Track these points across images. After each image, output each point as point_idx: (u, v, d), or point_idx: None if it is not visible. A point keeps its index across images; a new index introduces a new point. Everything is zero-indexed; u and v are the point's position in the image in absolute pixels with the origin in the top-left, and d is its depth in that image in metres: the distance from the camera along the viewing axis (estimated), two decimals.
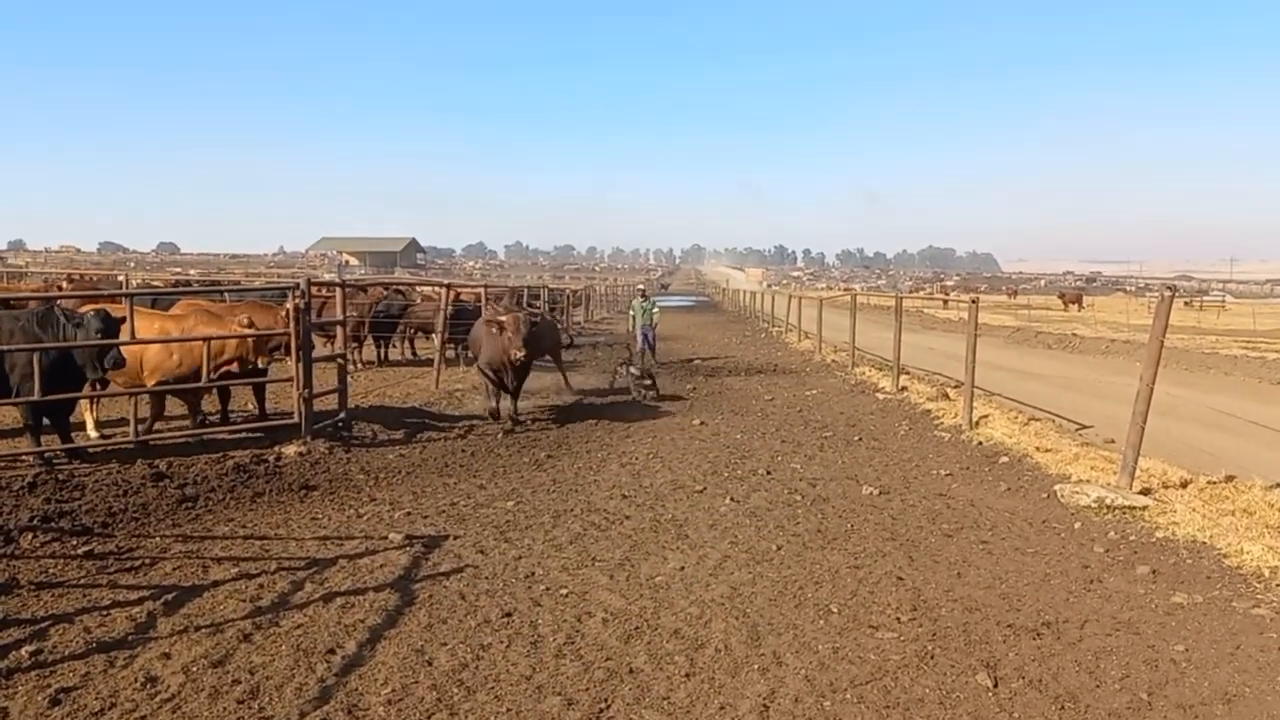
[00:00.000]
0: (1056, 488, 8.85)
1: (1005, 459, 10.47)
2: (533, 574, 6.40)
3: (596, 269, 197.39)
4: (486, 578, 6.29)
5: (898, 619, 5.69)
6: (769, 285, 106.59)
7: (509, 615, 5.62)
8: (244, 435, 10.70)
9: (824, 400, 15.83)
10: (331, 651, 4.98)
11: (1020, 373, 20.13)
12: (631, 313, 22.17)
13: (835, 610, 5.81)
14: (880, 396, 15.99)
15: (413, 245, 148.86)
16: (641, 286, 26.11)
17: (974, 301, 12.80)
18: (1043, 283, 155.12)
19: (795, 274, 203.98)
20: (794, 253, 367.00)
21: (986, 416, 12.67)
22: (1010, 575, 6.57)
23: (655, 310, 21.92)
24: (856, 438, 12.07)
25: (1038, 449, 10.70)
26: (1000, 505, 8.55)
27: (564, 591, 6.06)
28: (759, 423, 13.28)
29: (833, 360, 22.62)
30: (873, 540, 7.37)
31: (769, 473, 9.81)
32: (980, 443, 11.46)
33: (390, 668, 4.83)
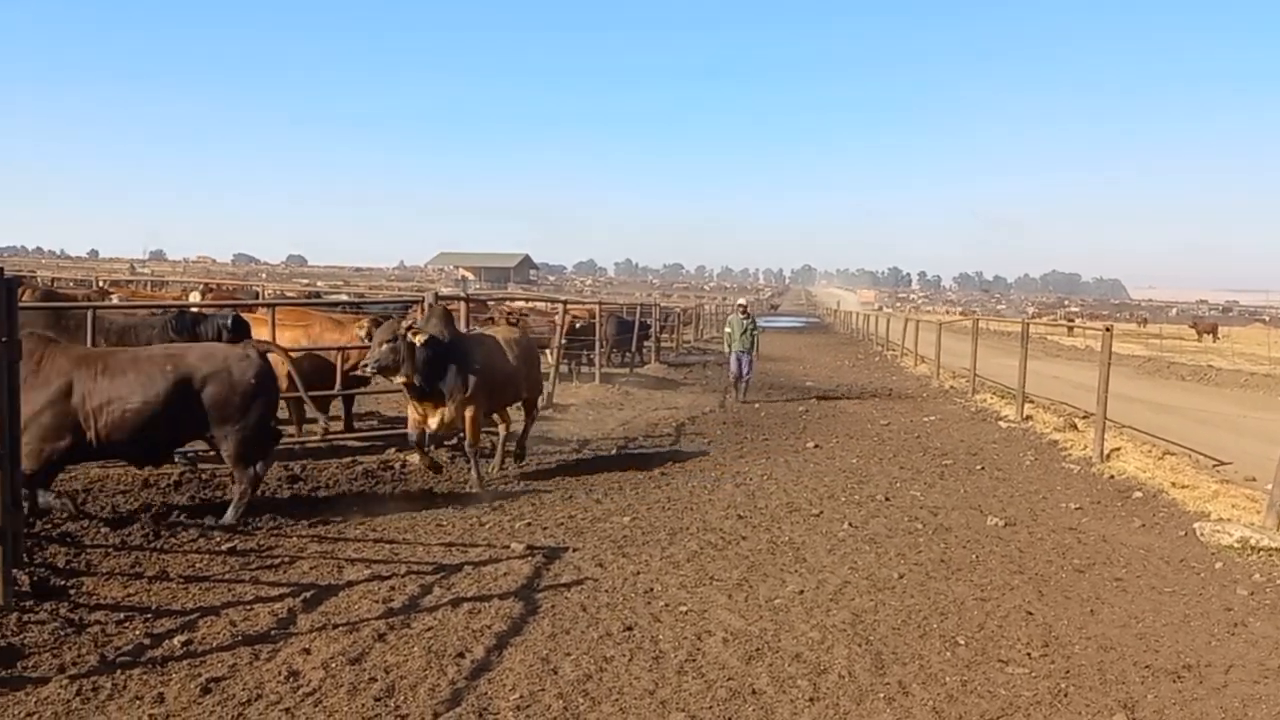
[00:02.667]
0: (1195, 526, 8.48)
1: (1139, 494, 10.08)
2: (651, 590, 6.44)
3: (705, 288, 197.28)
4: (606, 591, 6.36)
5: (1028, 654, 5.53)
6: (880, 307, 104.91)
7: (630, 629, 5.67)
8: (370, 443, 11.07)
9: (943, 427, 15.49)
10: (461, 655, 5.11)
11: (1153, 405, 19.33)
12: (728, 330, 18.95)
13: (962, 642, 5.69)
14: (1003, 425, 15.57)
15: (526, 261, 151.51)
16: (742, 301, 21.01)
17: (1108, 329, 12.38)
18: (1174, 311, 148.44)
19: (903, 296, 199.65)
20: (909, 275, 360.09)
21: (1118, 449, 12.21)
22: (1147, 614, 6.32)
23: (757, 332, 18.76)
24: (979, 466, 11.77)
25: (1174, 484, 10.26)
26: (1134, 542, 8.23)
27: (683, 609, 6.08)
28: (875, 448, 13.08)
29: (951, 386, 22.12)
30: (999, 573, 7.19)
31: (887, 499, 9.65)
32: (1112, 476, 11.06)
33: (518, 674, 4.92)
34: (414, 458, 10.14)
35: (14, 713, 4.25)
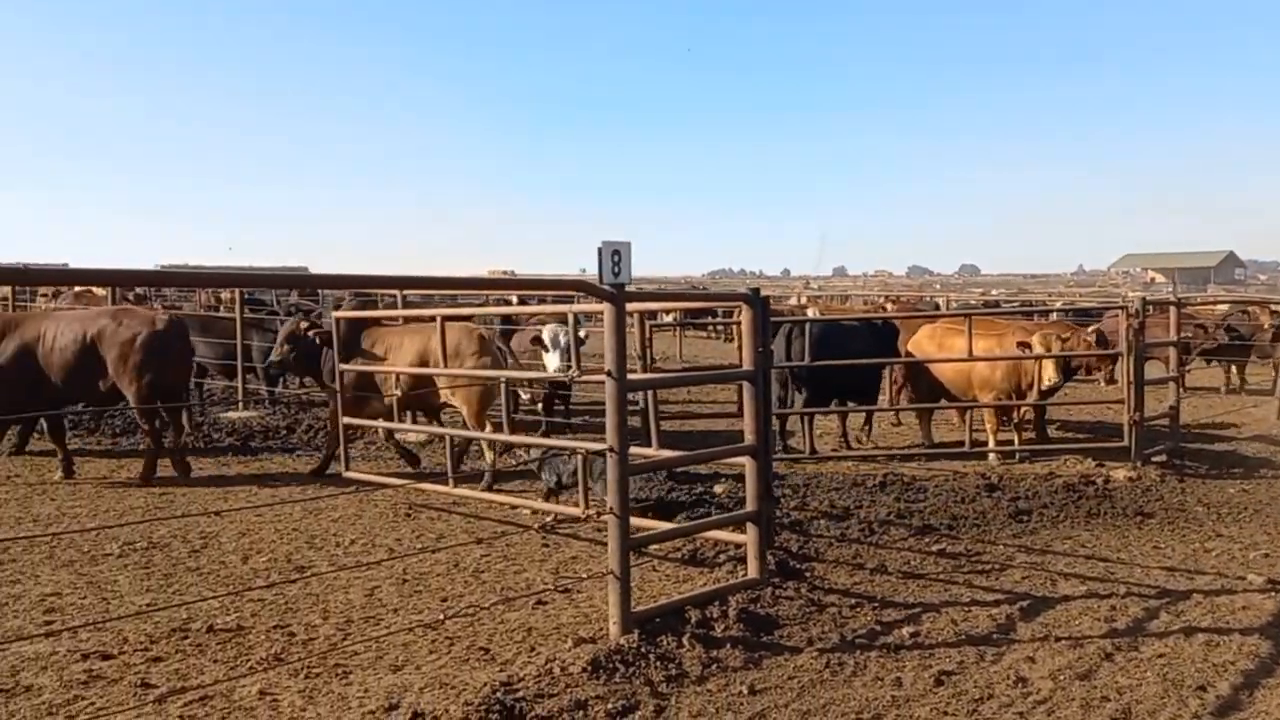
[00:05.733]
0: None
1: None
2: None
3: None
4: None
5: None
6: None
7: None
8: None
9: None
10: (1202, 688, 4.71)
11: None
12: None
13: None
14: None
15: (1230, 259, 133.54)
16: None
17: None
18: None
19: None
20: None
21: None
22: None
23: None
24: None
25: None
26: None
27: None
28: None
29: None
30: None
31: None
32: None
33: (1273, 717, 4.40)
34: (1118, 474, 9.60)
35: (777, 675, 4.92)
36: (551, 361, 10.82)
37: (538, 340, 11.09)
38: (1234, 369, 18.64)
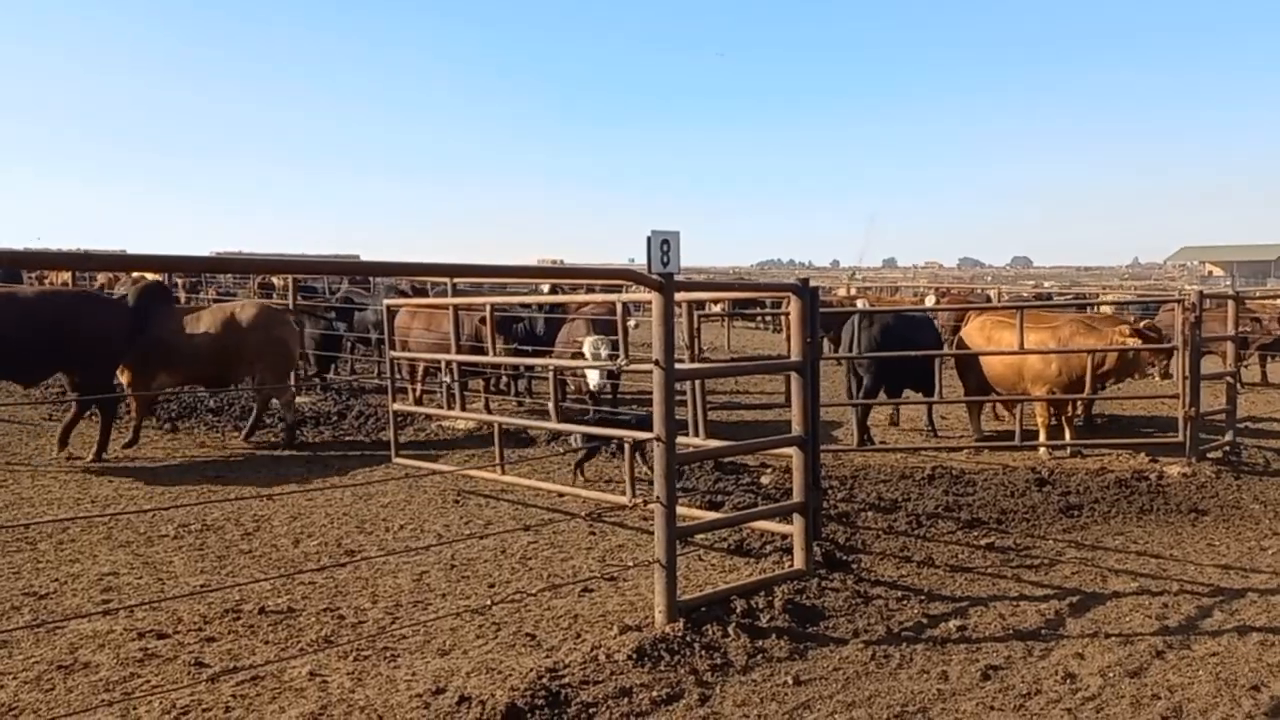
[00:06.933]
0: None
1: None
2: None
3: None
4: None
5: None
6: None
7: None
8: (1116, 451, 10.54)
9: None
10: (1256, 688, 4.61)
11: None
12: None
13: None
14: None
15: None
16: None
17: None
18: None
19: None
20: None
21: None
22: None
23: None
24: None
25: None
26: None
27: None
28: None
29: None
30: None
31: None
32: None
33: None
34: (1172, 469, 9.43)
35: (823, 666, 4.91)
36: (592, 377, 10.90)
37: (579, 354, 11.20)
38: None
